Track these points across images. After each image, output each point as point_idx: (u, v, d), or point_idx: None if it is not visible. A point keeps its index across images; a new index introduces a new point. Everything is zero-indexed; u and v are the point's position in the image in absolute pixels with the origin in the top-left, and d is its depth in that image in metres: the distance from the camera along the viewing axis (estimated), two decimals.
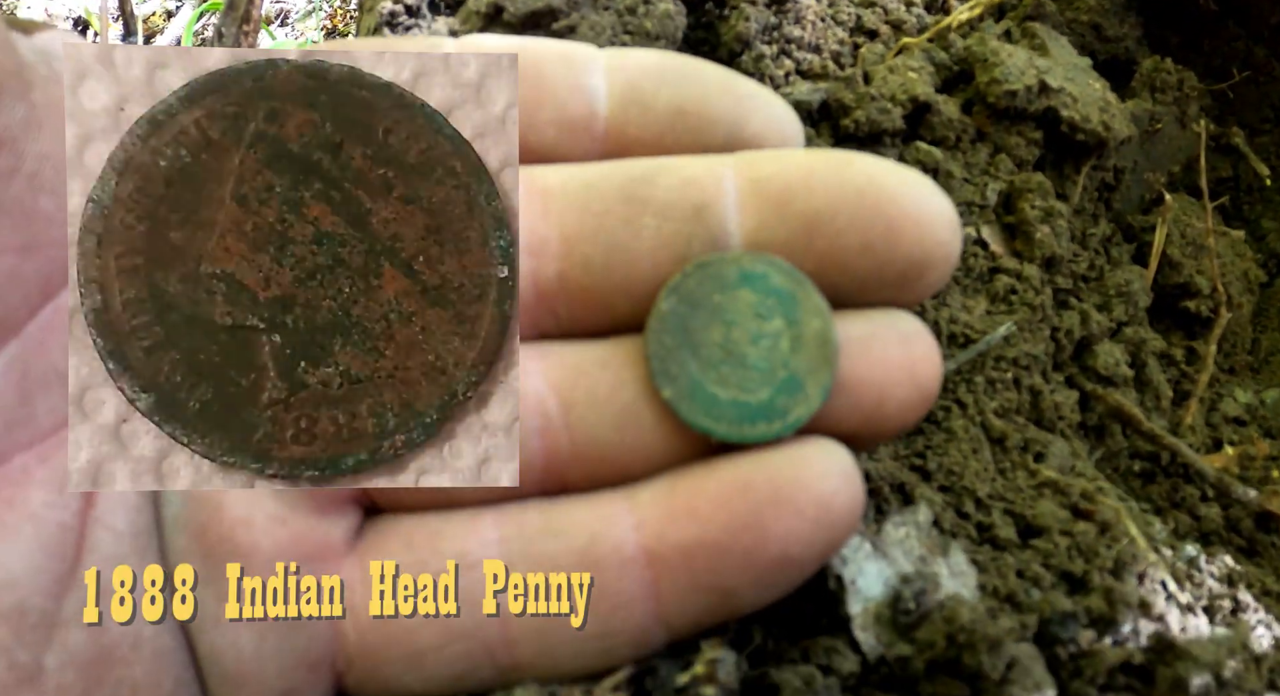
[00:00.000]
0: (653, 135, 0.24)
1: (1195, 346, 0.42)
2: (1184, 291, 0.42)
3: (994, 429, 0.33)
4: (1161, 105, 0.45)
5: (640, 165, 0.24)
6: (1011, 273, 0.36)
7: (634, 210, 0.23)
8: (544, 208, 0.24)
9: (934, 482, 0.31)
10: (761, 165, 0.23)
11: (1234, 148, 0.49)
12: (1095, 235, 0.40)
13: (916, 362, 0.23)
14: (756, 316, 0.23)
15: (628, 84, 0.24)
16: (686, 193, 0.23)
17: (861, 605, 0.25)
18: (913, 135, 0.37)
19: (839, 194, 0.23)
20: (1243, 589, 0.28)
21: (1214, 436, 0.40)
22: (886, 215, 0.22)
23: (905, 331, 0.24)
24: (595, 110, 0.24)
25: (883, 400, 0.23)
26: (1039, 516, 0.30)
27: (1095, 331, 0.37)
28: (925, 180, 0.23)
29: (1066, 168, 0.40)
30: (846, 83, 0.36)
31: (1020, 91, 0.37)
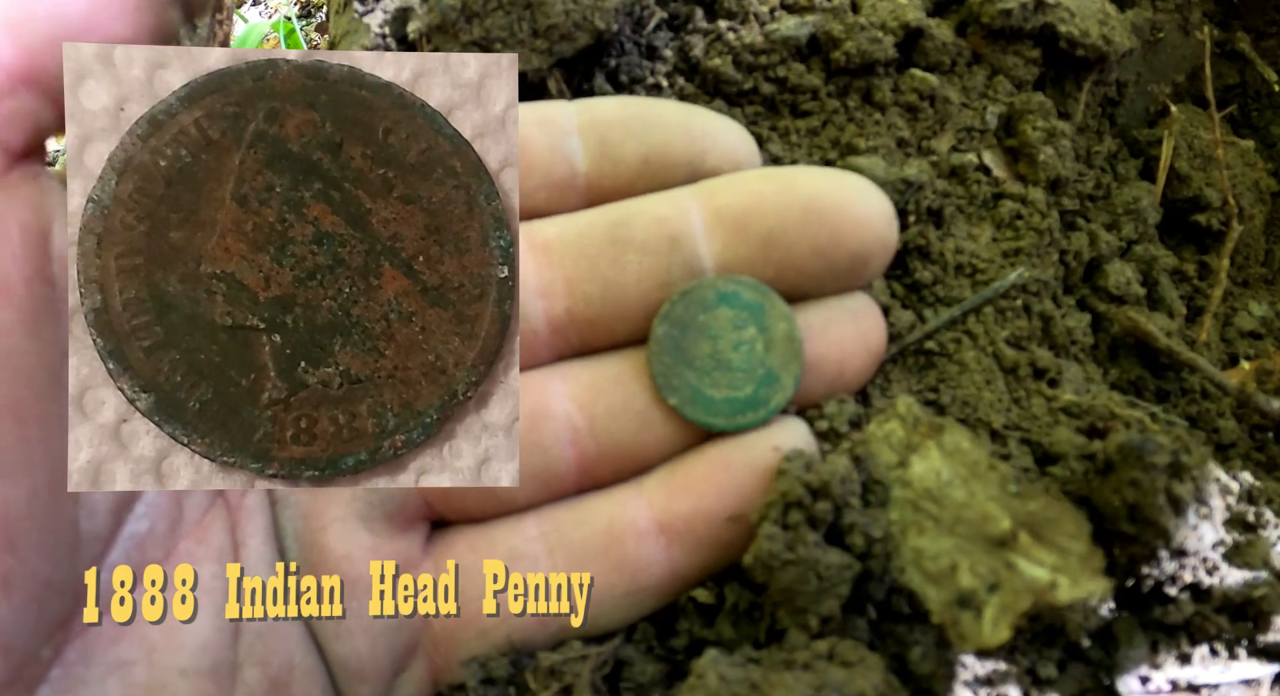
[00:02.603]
0: (625, 182, 0.29)
1: (1208, 261, 0.41)
2: (1194, 205, 0.41)
3: (1006, 358, 0.33)
4: (1163, 13, 0.43)
5: (619, 210, 0.28)
6: (1016, 197, 0.35)
7: (619, 250, 0.28)
8: (547, 258, 0.27)
9: (950, 416, 0.31)
10: (719, 194, 0.28)
11: (1240, 53, 0.47)
12: (1100, 153, 0.39)
13: (867, 334, 0.29)
14: (735, 328, 0.28)
15: (600, 140, 0.28)
16: (660, 229, 0.28)
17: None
18: (906, 62, 0.36)
19: (787, 211, 0.28)
20: (1263, 504, 0.28)
21: (1229, 352, 0.39)
22: (830, 223, 0.28)
23: (855, 308, 0.29)
24: (575, 169, 0.28)
25: (843, 369, 0.29)
26: (1056, 443, 0.30)
27: (1105, 251, 0.37)
28: (863, 184, 0.28)
29: (1067, 85, 0.39)
30: (834, 13, 0.35)
31: (1015, 9, 0.36)
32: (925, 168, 0.34)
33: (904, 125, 0.35)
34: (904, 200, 0.33)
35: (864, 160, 0.33)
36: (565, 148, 0.28)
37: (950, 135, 0.36)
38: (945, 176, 0.35)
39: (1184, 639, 0.26)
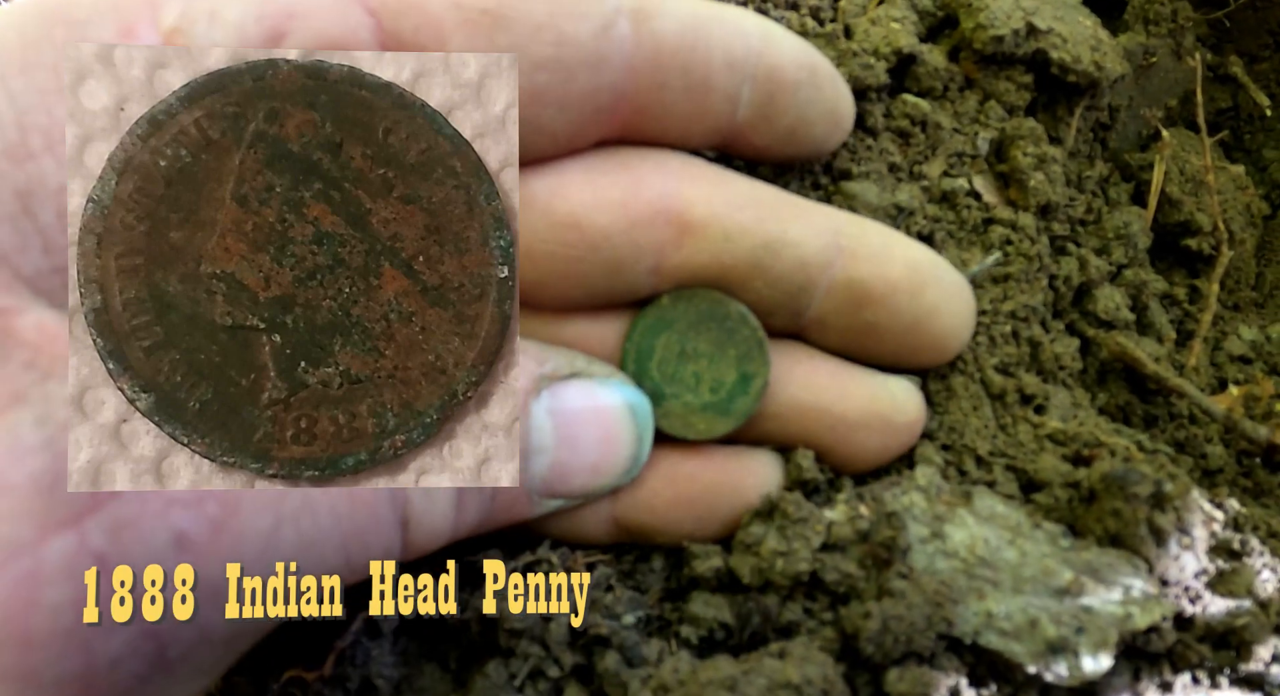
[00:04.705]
0: (762, 147, 0.29)
1: (1198, 285, 0.41)
2: (1184, 230, 0.41)
3: (994, 385, 0.33)
4: (1156, 37, 0.44)
5: (771, 225, 0.28)
6: (1006, 223, 0.35)
7: (753, 274, 0.28)
8: (681, 241, 0.28)
9: (936, 441, 0.32)
10: (860, 265, 0.29)
11: (1232, 77, 0.47)
12: (1091, 177, 0.39)
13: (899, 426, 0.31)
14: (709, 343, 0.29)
15: (768, 97, 0.28)
16: (798, 274, 0.28)
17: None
18: (898, 88, 0.37)
19: (903, 316, 0.29)
20: (1249, 531, 0.28)
21: (1219, 376, 0.40)
22: (927, 337, 0.30)
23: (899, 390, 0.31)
24: (734, 115, 0.28)
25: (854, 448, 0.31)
26: (1040, 471, 0.30)
27: (1094, 276, 0.37)
28: (971, 309, 0.31)
29: (1059, 110, 0.39)
30: (827, 39, 0.35)
31: (1007, 36, 0.36)
32: (916, 193, 0.34)
33: (895, 150, 0.35)
34: (895, 225, 0.33)
35: (856, 185, 0.33)
36: (739, 93, 0.28)
37: (941, 160, 0.36)
38: (936, 201, 0.35)
39: (1166, 667, 0.26)
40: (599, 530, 0.29)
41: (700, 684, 0.23)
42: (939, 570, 0.26)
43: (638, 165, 0.28)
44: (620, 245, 0.27)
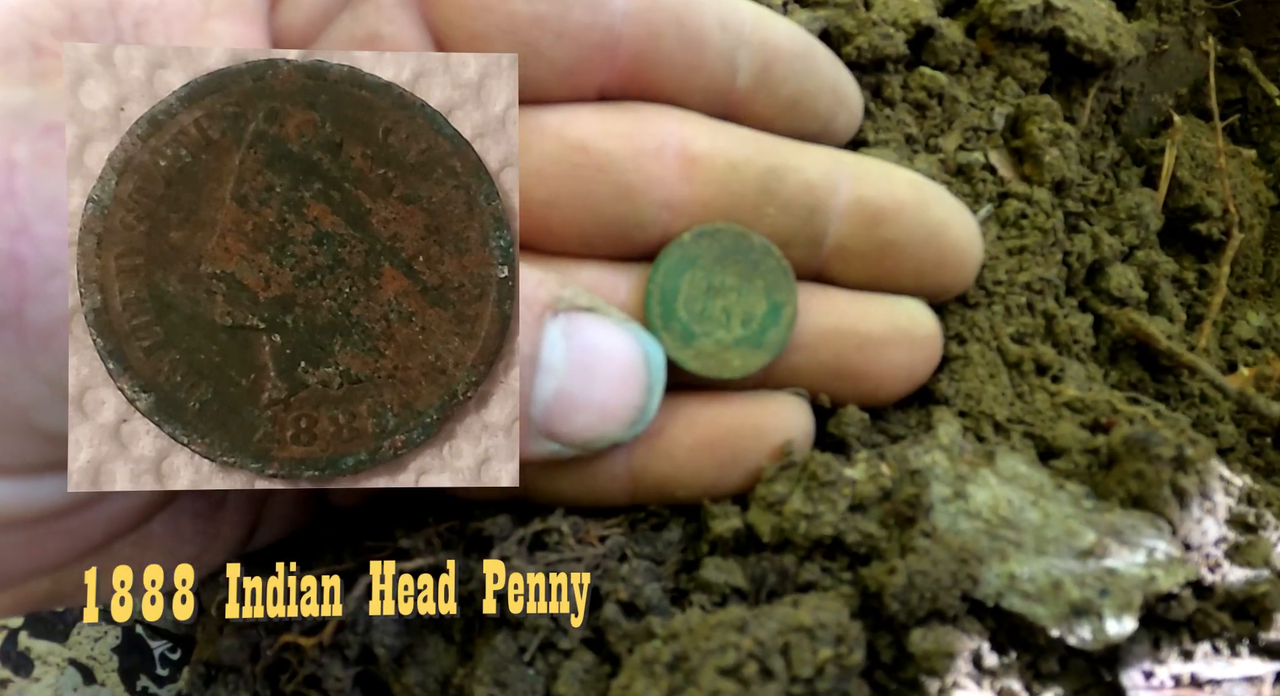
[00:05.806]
0: (767, 115, 0.30)
1: (1207, 269, 0.42)
2: (1195, 214, 0.42)
3: (1010, 353, 0.33)
4: (1168, 25, 0.44)
5: (774, 155, 0.29)
6: (1021, 197, 0.35)
7: (762, 199, 0.28)
8: (689, 173, 0.28)
9: (953, 408, 0.32)
10: (867, 183, 0.29)
11: (1242, 68, 0.48)
12: (1104, 158, 0.40)
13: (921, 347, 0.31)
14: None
15: (765, 66, 0.29)
16: (806, 196, 0.29)
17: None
18: (916, 61, 0.37)
19: (918, 230, 0.29)
20: (1262, 506, 0.28)
21: (1228, 359, 0.40)
22: (943, 255, 0.30)
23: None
24: (734, 80, 0.29)
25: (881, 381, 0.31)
26: (1059, 438, 0.30)
27: (1107, 255, 0.37)
28: (975, 227, 0.31)
29: (1074, 89, 0.39)
30: (847, 9, 0.36)
31: (1024, 12, 0.36)
32: (934, 163, 0.34)
33: (912, 122, 0.35)
34: None
35: (873, 154, 0.33)
36: (734, 57, 0.28)
37: (957, 134, 0.36)
38: (951, 174, 0.35)
39: (1186, 635, 0.26)
40: (615, 487, 0.28)
41: (710, 626, 0.23)
42: (961, 531, 0.26)
43: (642, 110, 0.29)
44: (628, 170, 0.28)
